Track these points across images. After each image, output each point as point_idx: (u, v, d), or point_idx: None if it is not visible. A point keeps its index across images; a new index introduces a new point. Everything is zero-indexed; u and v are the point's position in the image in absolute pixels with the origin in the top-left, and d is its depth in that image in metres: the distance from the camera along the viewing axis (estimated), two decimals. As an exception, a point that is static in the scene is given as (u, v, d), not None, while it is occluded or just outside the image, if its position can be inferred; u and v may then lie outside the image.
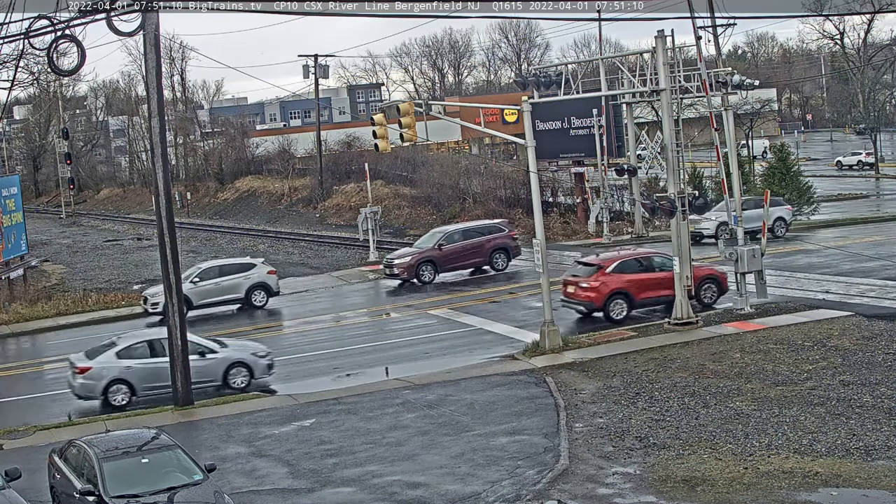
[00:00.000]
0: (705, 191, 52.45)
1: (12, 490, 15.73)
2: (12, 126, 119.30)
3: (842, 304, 29.23)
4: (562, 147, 50.44)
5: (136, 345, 25.23)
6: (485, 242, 39.89)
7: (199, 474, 15.71)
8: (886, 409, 19.63)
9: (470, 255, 39.71)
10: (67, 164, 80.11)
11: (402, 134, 27.28)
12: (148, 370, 24.73)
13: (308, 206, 74.05)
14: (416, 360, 27.17)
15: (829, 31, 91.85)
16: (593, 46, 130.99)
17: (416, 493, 16.84)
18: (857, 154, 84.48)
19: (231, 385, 25.13)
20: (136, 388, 24.64)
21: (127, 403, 24.52)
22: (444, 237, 39.79)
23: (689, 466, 17.22)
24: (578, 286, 29.54)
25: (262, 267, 37.11)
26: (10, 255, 42.50)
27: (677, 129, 28.30)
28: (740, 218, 30.17)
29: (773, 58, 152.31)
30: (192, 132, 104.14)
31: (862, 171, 79.85)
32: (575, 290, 29.58)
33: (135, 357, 24.82)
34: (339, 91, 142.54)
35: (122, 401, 24.53)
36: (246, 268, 36.67)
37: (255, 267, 36.93)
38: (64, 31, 21.78)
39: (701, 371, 23.21)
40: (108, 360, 24.66)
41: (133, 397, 24.65)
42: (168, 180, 24.27)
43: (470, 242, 39.72)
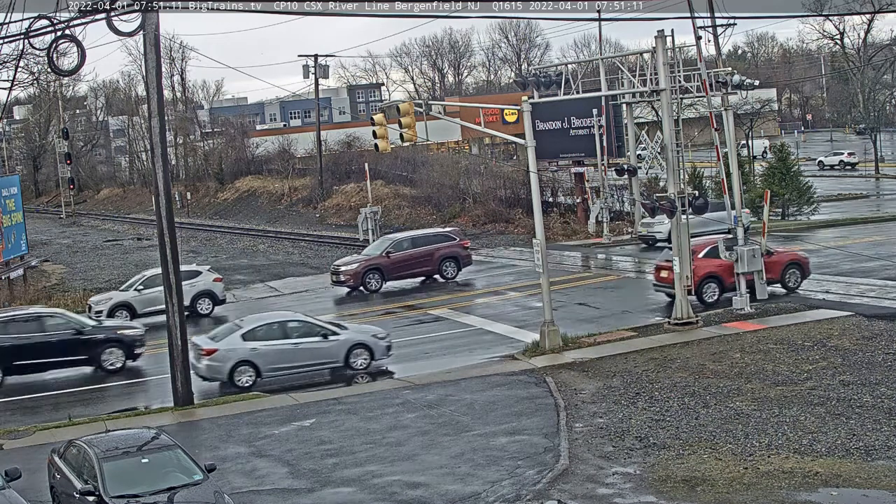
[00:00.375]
0: (705, 191, 52.51)
1: (12, 490, 15.72)
2: (12, 126, 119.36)
3: (842, 304, 29.23)
4: (562, 147, 50.45)
5: (261, 327, 25.94)
6: (434, 251, 38.91)
7: (199, 474, 15.71)
8: (886, 409, 19.63)
9: (419, 264, 38.84)
10: (67, 164, 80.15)
11: (402, 134, 27.29)
12: (274, 352, 25.48)
13: (308, 206, 74.07)
14: (416, 359, 27.17)
15: (829, 31, 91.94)
16: (593, 46, 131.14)
17: (416, 493, 16.84)
18: (838, 154, 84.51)
19: (352, 366, 25.88)
20: (262, 370, 25.34)
21: (252, 385, 25.18)
22: (393, 245, 38.86)
23: (689, 466, 17.22)
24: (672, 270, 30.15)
25: (207, 274, 36.66)
26: (10, 255, 42.50)
27: (677, 129, 28.31)
28: (740, 218, 30.15)
29: (773, 58, 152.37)
30: (192, 132, 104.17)
31: (843, 171, 79.95)
32: (669, 275, 30.21)
33: (259, 339, 25.51)
34: (339, 91, 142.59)
35: (248, 382, 25.19)
36: (191, 275, 35.77)
37: (200, 274, 36.44)
38: (64, 31, 21.79)
39: (701, 371, 23.21)
40: (234, 343, 25.34)
41: (258, 378, 25.31)
42: (168, 180, 24.27)
43: (419, 251, 38.81)
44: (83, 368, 28.39)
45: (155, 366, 28.12)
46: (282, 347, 25.48)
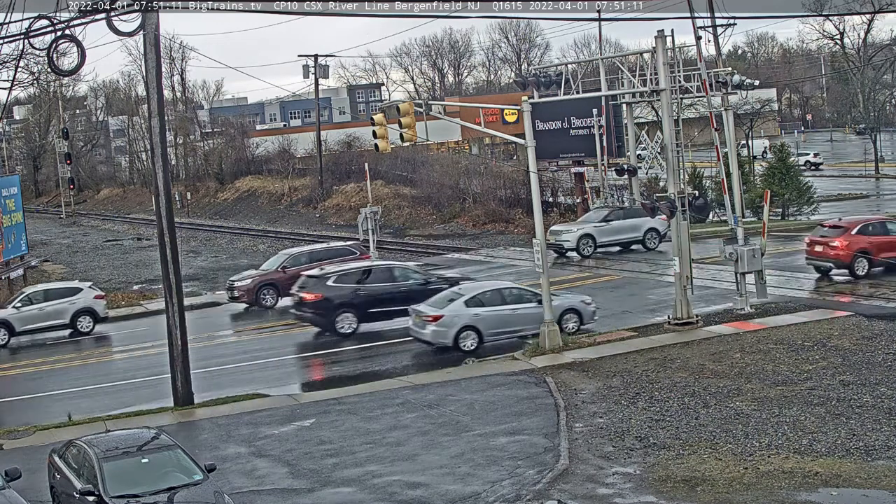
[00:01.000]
0: (705, 191, 52.58)
1: (12, 490, 15.72)
2: (12, 126, 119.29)
3: (842, 304, 29.23)
4: (562, 147, 50.41)
5: (483, 294, 27.69)
6: None
7: (199, 474, 15.71)
8: (886, 409, 19.64)
9: None
10: (67, 164, 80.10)
11: (402, 134, 27.28)
12: (495, 317, 27.23)
13: (308, 206, 74.06)
14: (416, 359, 27.16)
15: (829, 31, 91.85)
16: (593, 46, 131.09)
17: (416, 493, 16.84)
18: (804, 154, 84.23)
19: (563, 329, 27.25)
20: (484, 335, 27.05)
21: (475, 349, 26.77)
22: (290, 259, 37.38)
23: (689, 466, 17.22)
24: (828, 245, 32.70)
25: (88, 291, 35.83)
26: (10, 255, 42.50)
27: (677, 129, 28.31)
28: (740, 218, 30.16)
29: (773, 58, 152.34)
30: (192, 132, 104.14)
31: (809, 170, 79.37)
32: (823, 249, 32.51)
33: (482, 305, 27.19)
34: (339, 91, 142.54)
35: (471, 346, 26.84)
36: (72, 292, 35.40)
37: (81, 291, 35.70)
38: (64, 31, 21.80)
39: (701, 371, 23.21)
40: (459, 309, 27.02)
41: (481, 344, 26.93)
42: (168, 180, 24.26)
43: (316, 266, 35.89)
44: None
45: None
46: (501, 313, 27.31)
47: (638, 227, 42.79)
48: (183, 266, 28.00)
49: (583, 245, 42.23)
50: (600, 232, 42.62)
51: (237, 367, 28.04)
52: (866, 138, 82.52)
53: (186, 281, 36.69)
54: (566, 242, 42.50)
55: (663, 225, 41.33)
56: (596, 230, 42.69)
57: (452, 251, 49.24)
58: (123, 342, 33.60)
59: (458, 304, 27.10)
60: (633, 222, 42.60)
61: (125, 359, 30.92)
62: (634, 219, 42.25)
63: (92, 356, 31.68)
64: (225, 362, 28.70)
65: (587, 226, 43.26)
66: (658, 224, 42.04)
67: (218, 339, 32.57)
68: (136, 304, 39.77)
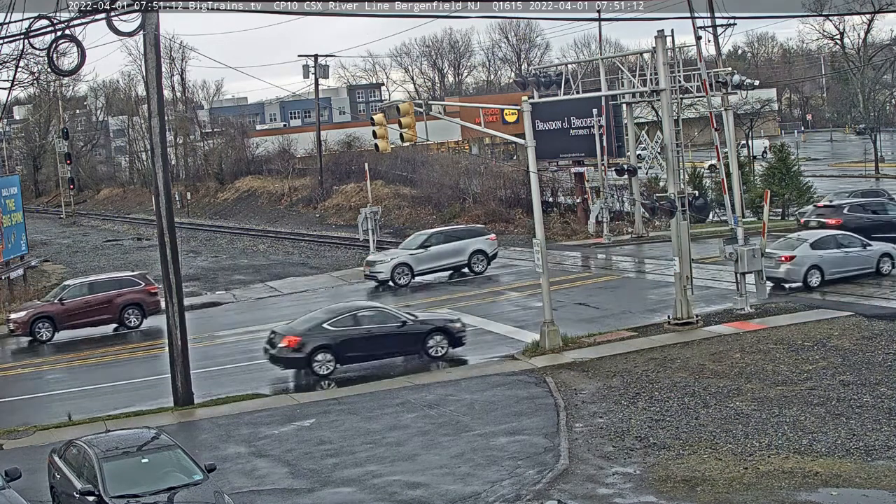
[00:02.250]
0: (705, 191, 52.60)
1: (12, 490, 15.72)
2: (12, 126, 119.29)
3: (842, 304, 29.23)
4: (562, 147, 50.42)
5: (827, 238, 32.38)
6: (114, 297, 35.08)
7: (199, 474, 15.71)
8: (886, 409, 19.64)
9: (96, 311, 34.84)
10: (67, 164, 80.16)
11: (402, 134, 27.28)
12: (836, 258, 31.69)
13: (308, 206, 74.06)
14: (417, 359, 27.16)
15: (829, 31, 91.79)
16: (593, 46, 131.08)
17: (416, 493, 16.85)
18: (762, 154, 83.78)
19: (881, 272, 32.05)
20: (825, 273, 31.34)
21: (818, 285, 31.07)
22: (68, 290, 35.24)
23: (689, 466, 17.22)
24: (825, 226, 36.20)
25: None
26: (10, 255, 42.50)
27: (677, 129, 28.31)
28: (740, 218, 30.19)
29: (773, 58, 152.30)
30: (192, 132, 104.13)
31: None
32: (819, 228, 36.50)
33: (825, 248, 31.72)
34: (339, 91, 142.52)
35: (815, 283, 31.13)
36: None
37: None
38: (64, 31, 21.80)
39: (701, 371, 23.21)
40: (806, 251, 31.53)
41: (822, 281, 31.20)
42: (168, 180, 24.26)
43: (96, 297, 34.97)
44: None
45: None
46: (844, 255, 31.85)
47: (462, 251, 39.61)
48: (183, 266, 28.00)
49: (397, 275, 38.57)
50: (417, 259, 38.97)
51: (237, 367, 28.03)
52: (866, 138, 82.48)
53: (186, 281, 36.69)
54: (380, 274, 38.86)
55: (491, 246, 39.77)
56: (412, 258, 39.01)
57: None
58: (124, 342, 33.59)
59: (805, 246, 31.69)
60: (455, 246, 39.60)
61: (125, 359, 30.91)
62: (457, 242, 39.74)
63: (92, 356, 31.65)
64: (225, 362, 28.69)
65: (402, 253, 39.58)
66: (485, 245, 39.85)
67: (218, 338, 32.57)
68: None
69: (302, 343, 25.38)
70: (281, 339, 25.60)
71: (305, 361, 25.48)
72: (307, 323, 26.26)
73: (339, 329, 25.81)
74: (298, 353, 25.36)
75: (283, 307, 37.52)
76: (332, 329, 25.76)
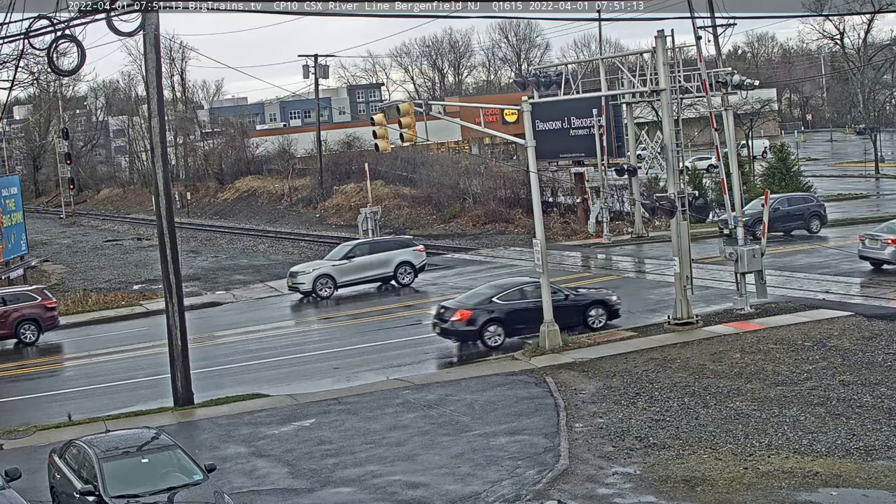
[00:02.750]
0: (705, 191, 52.60)
1: (12, 490, 15.72)
2: (12, 126, 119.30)
3: (842, 304, 29.23)
4: (562, 147, 50.43)
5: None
6: (10, 312, 33.76)
7: (199, 474, 15.71)
8: (886, 409, 19.64)
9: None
10: (67, 164, 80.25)
11: (402, 134, 27.28)
12: None
13: (308, 206, 74.10)
14: (417, 359, 27.16)
15: (829, 31, 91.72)
16: (593, 46, 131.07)
17: (416, 493, 16.85)
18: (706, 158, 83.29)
19: None
20: None
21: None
22: None
23: (689, 466, 17.22)
24: None
25: None
26: (10, 255, 42.54)
27: (677, 129, 28.29)
28: (741, 218, 30.15)
29: (773, 58, 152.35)
30: (192, 132, 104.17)
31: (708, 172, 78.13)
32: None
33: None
34: (339, 91, 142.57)
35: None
36: None
37: None
38: (64, 31, 21.79)
39: (701, 371, 23.21)
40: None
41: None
42: (168, 180, 24.26)
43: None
44: None
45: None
46: None
47: (388, 262, 38.58)
48: (183, 266, 27.99)
49: (320, 286, 37.48)
50: (340, 271, 37.98)
51: (237, 367, 28.04)
52: (866, 138, 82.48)
53: (186, 281, 36.68)
54: (302, 285, 37.79)
55: (419, 257, 38.76)
56: (335, 269, 37.97)
57: (452, 251, 49.24)
58: (124, 342, 33.60)
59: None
60: (381, 257, 38.59)
61: (125, 359, 30.91)
62: (383, 253, 38.76)
63: (92, 356, 31.66)
64: (225, 362, 28.71)
65: (325, 265, 38.56)
66: (412, 257, 38.83)
67: (218, 338, 32.58)
68: (135, 304, 39.77)
69: (473, 317, 26.97)
70: (452, 314, 27.12)
71: (477, 334, 27.13)
72: (476, 297, 27.86)
73: (507, 302, 27.45)
74: (471, 326, 27.01)
75: (284, 307, 37.57)
76: (500, 303, 27.40)
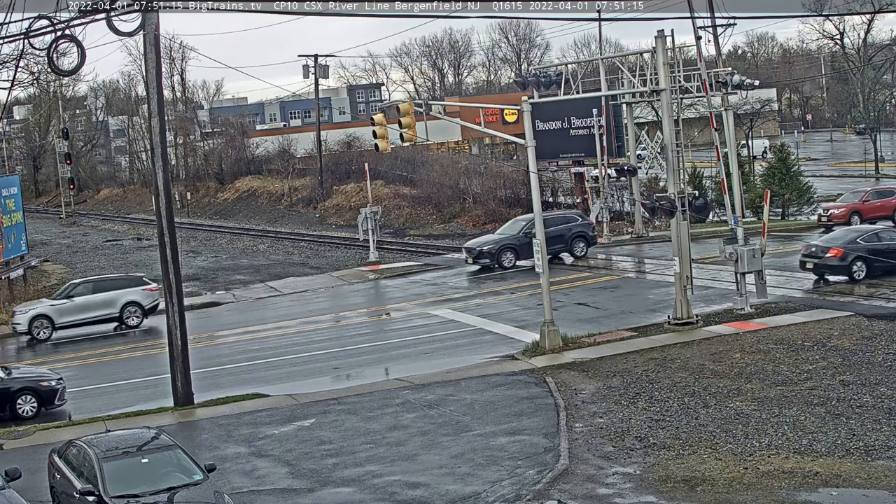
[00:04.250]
0: (705, 191, 52.57)
1: (12, 490, 15.72)
2: (12, 126, 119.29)
3: (841, 304, 29.22)
4: (562, 147, 50.44)
5: None
6: None
7: (199, 474, 15.71)
8: (886, 409, 19.64)
9: None
10: (67, 164, 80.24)
11: (402, 134, 27.28)
12: None
13: (308, 206, 74.11)
14: (416, 359, 27.16)
15: (829, 31, 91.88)
16: (593, 46, 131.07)
17: (416, 493, 16.84)
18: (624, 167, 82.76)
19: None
20: None
21: None
22: None
23: (689, 466, 17.22)
24: None
25: None
26: (10, 255, 42.52)
27: (677, 129, 28.30)
28: (740, 218, 30.16)
29: (773, 58, 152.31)
30: (192, 132, 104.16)
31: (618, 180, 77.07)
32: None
33: None
34: (339, 91, 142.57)
35: None
36: None
37: None
38: (64, 31, 21.80)
39: (701, 371, 23.21)
40: None
41: None
42: (168, 180, 24.26)
43: None
44: None
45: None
46: None
47: (113, 302, 35.57)
48: (183, 266, 27.99)
49: (36, 327, 34.54)
50: (59, 311, 34.92)
51: (237, 367, 28.05)
52: (866, 138, 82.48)
53: (186, 281, 36.69)
54: (18, 325, 34.99)
55: (149, 297, 35.87)
56: (53, 309, 34.94)
57: (452, 251, 49.20)
58: (124, 342, 33.61)
59: None
60: (104, 297, 35.58)
61: (125, 359, 30.91)
62: (109, 292, 35.74)
63: (93, 356, 31.67)
64: (225, 362, 28.71)
65: (43, 304, 35.75)
66: (140, 296, 35.83)
67: (218, 338, 32.58)
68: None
69: (845, 254, 31.45)
70: (827, 251, 31.65)
71: (846, 269, 31.51)
72: (840, 239, 32.35)
73: (869, 244, 31.89)
74: (842, 262, 31.45)
75: (284, 307, 37.57)
76: (863, 244, 31.79)
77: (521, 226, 41.06)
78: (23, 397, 24.44)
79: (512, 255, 40.55)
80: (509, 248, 40.63)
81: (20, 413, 24.34)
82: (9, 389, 24.44)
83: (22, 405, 24.40)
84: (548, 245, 28.35)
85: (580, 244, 41.52)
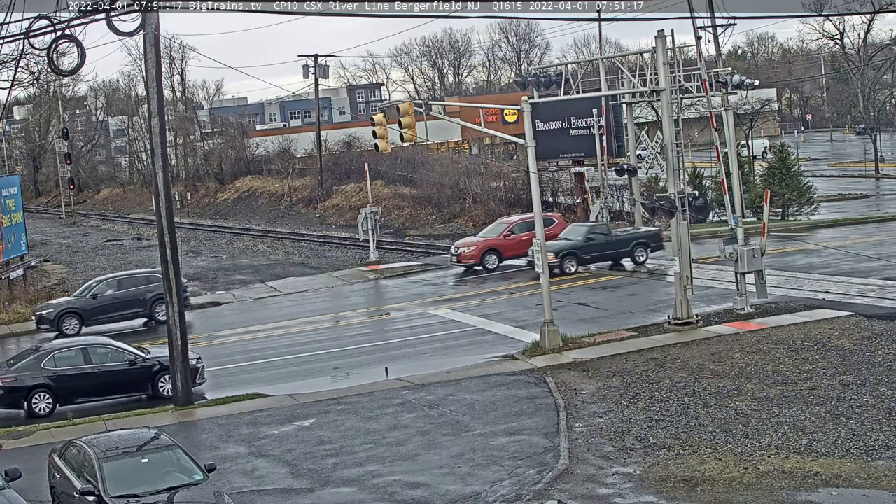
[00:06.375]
0: (705, 191, 52.56)
1: (12, 490, 15.71)
2: (12, 126, 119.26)
3: (842, 304, 29.21)
4: (562, 147, 50.41)
5: None
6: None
7: (199, 474, 15.71)
8: (886, 409, 19.64)
9: None
10: (67, 164, 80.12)
11: (402, 134, 27.29)
12: None
13: (308, 206, 74.08)
14: (416, 359, 27.17)
15: (829, 31, 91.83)
16: (593, 46, 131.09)
17: (416, 493, 16.84)
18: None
19: None
20: None
21: None
22: None
23: (689, 466, 17.22)
24: None
25: None
26: (10, 255, 42.48)
27: (677, 129, 28.30)
28: (740, 218, 30.14)
29: (773, 58, 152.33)
30: (192, 132, 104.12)
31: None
32: None
33: None
34: (339, 91, 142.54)
35: None
36: None
37: None
38: (64, 31, 21.79)
39: (701, 371, 23.21)
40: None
41: None
42: (168, 180, 24.26)
43: None
44: None
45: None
46: None
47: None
48: (183, 266, 28.00)
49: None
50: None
51: (237, 367, 28.04)
52: (866, 138, 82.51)
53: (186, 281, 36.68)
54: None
55: None
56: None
57: (452, 251, 49.17)
58: (123, 342, 33.58)
59: None
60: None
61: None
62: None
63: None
64: (225, 362, 28.70)
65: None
66: None
67: (218, 338, 32.58)
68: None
69: None
70: None
71: None
72: None
73: None
74: None
75: (284, 307, 37.56)
76: None
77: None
78: (164, 377, 24.93)
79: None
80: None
81: (161, 393, 24.93)
82: (151, 369, 25.03)
83: (164, 385, 24.98)
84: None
85: None
